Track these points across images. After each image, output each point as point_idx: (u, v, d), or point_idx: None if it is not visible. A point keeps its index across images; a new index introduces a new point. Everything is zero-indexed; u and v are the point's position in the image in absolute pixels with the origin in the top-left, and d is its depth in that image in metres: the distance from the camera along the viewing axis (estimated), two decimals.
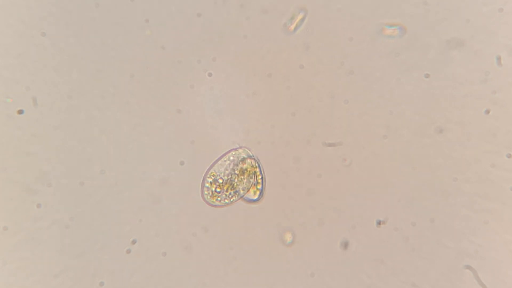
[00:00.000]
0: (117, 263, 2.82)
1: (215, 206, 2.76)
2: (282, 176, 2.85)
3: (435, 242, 2.78)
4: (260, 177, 2.69)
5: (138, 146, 2.84)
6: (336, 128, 2.83)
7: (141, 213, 2.83)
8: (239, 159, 2.54)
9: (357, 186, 2.82)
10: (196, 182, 2.85)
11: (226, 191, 2.68)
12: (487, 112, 2.75)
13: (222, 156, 2.69)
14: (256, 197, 2.78)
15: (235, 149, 2.65)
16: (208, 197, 2.69)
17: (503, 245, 2.74)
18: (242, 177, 2.63)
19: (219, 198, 2.67)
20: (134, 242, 2.82)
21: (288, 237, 2.74)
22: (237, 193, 2.64)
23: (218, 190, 2.63)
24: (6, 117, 2.80)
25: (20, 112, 2.80)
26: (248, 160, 2.52)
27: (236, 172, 2.64)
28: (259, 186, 2.73)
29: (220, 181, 2.66)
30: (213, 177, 2.60)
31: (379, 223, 2.80)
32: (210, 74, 2.84)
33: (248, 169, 2.57)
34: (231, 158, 2.67)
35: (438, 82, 2.78)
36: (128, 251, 2.82)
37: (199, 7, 2.84)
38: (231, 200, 2.69)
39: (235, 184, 2.66)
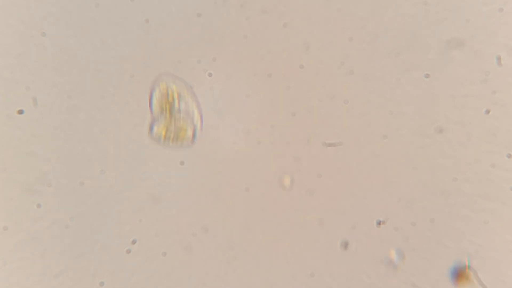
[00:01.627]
0: (117, 263, 2.82)
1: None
2: (282, 176, 2.85)
3: (435, 242, 2.78)
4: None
5: (138, 146, 2.84)
6: (336, 128, 2.83)
7: (141, 213, 2.83)
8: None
9: (357, 186, 2.82)
10: (196, 182, 2.85)
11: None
12: (487, 112, 2.75)
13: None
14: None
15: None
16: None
17: (503, 245, 2.74)
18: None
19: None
20: (134, 242, 2.82)
21: (287, 181, 2.72)
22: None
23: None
24: (6, 117, 2.80)
25: (20, 112, 2.80)
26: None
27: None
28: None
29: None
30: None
31: (379, 223, 2.80)
32: (210, 74, 2.84)
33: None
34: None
35: (438, 82, 2.78)
36: (128, 251, 2.82)
37: (199, 7, 2.84)
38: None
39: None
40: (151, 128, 2.52)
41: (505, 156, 2.74)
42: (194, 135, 2.60)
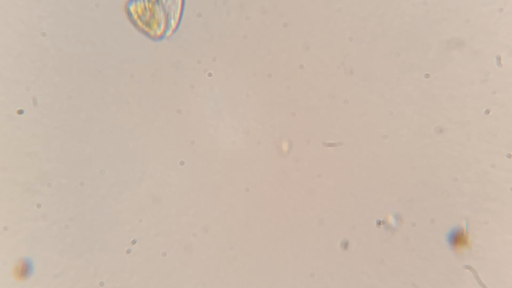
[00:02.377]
0: (117, 263, 2.82)
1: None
2: (282, 176, 2.85)
3: (435, 242, 2.78)
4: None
5: (138, 146, 2.84)
6: (336, 128, 2.83)
7: (141, 213, 2.83)
8: None
9: (357, 186, 2.82)
10: (196, 182, 2.85)
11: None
12: (487, 112, 2.75)
13: None
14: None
15: None
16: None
17: (503, 245, 2.74)
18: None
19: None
20: (134, 242, 2.82)
21: (285, 147, 2.70)
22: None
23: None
24: (6, 117, 2.80)
25: (20, 112, 2.80)
26: None
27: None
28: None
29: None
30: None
31: (379, 223, 2.80)
32: (210, 74, 2.84)
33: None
34: None
35: (438, 82, 2.78)
36: (128, 251, 2.82)
37: (199, 7, 2.84)
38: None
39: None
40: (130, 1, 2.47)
41: (505, 156, 2.74)
42: (163, 33, 2.56)
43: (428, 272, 2.78)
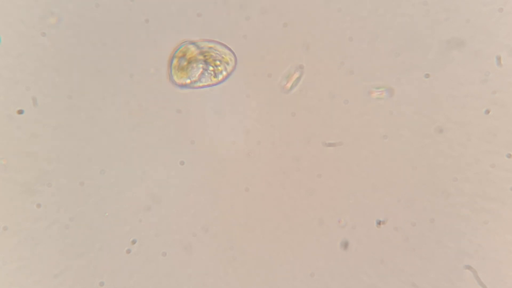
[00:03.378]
0: (117, 263, 2.82)
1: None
2: (282, 176, 2.85)
3: (435, 242, 2.78)
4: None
5: (138, 146, 2.84)
6: (336, 128, 2.83)
7: (141, 213, 2.83)
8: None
9: (357, 186, 2.82)
10: (196, 182, 2.85)
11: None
12: (487, 112, 2.75)
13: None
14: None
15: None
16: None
17: (503, 245, 2.74)
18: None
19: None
20: (134, 242, 2.82)
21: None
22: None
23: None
24: (6, 117, 2.80)
25: (20, 112, 2.80)
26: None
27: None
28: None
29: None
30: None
31: (379, 223, 2.80)
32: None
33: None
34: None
35: (438, 82, 2.78)
36: (128, 251, 2.82)
37: (199, 7, 2.84)
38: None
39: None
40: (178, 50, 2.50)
41: (505, 156, 2.74)
42: (184, 85, 2.59)
43: (428, 272, 2.78)
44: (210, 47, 2.59)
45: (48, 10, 2.82)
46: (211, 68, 2.55)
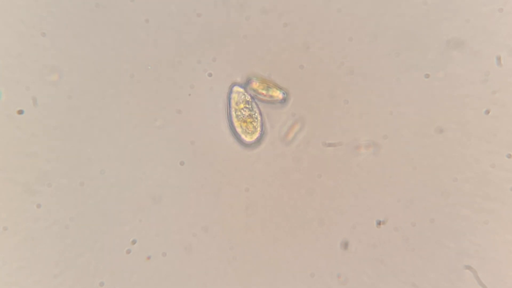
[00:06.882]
0: (117, 263, 2.82)
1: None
2: (282, 176, 2.85)
3: (435, 242, 2.78)
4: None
5: (138, 146, 2.84)
6: (336, 128, 2.83)
7: (141, 213, 2.83)
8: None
9: (357, 186, 2.82)
10: (196, 182, 2.85)
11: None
12: (487, 112, 2.75)
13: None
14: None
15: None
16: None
17: (503, 245, 2.74)
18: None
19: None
20: (134, 242, 2.82)
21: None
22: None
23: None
24: (6, 117, 2.80)
25: (20, 112, 2.80)
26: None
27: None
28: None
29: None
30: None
31: (379, 223, 2.80)
32: (210, 74, 2.85)
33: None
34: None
35: (438, 82, 2.78)
36: (128, 251, 2.82)
37: (199, 7, 2.84)
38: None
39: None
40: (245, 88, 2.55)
41: (505, 156, 2.74)
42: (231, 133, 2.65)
43: (428, 272, 2.78)
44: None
45: (48, 10, 2.82)
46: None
